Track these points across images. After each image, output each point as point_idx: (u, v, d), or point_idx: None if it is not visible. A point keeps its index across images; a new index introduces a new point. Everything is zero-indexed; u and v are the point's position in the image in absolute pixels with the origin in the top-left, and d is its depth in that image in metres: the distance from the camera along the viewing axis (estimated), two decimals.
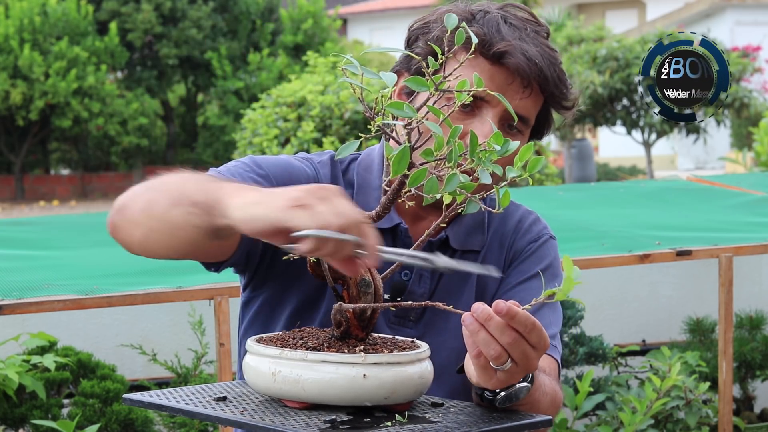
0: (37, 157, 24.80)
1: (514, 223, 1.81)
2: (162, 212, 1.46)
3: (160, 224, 1.47)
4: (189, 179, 1.49)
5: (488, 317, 1.33)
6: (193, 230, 1.43)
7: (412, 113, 1.32)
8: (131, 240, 1.52)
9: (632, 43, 14.68)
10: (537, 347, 1.36)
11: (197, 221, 1.42)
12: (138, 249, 1.53)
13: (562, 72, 1.70)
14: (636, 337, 4.74)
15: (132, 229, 1.51)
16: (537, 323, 1.35)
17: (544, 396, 1.56)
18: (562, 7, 24.34)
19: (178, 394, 1.45)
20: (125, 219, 1.52)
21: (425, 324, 1.74)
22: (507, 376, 1.38)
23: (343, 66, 1.36)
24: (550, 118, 1.77)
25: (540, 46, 1.67)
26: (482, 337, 1.34)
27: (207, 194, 1.41)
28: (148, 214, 1.48)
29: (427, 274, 1.74)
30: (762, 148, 8.99)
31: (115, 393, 3.69)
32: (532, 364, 1.38)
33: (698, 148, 19.16)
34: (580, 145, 15.99)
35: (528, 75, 1.65)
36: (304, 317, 1.71)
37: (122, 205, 1.53)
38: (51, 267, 3.64)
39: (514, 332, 1.34)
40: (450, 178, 1.32)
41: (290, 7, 24.47)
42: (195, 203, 1.42)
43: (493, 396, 1.45)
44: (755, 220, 4.45)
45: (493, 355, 1.35)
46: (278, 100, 6.72)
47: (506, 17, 1.68)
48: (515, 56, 1.64)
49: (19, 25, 21.69)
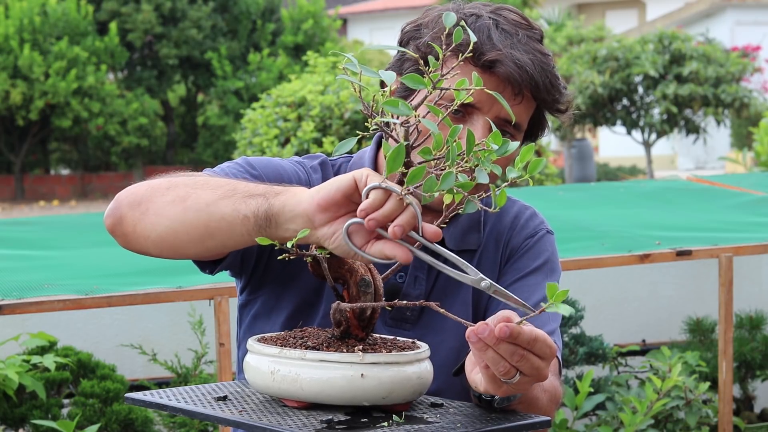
0: (37, 157, 24.81)
1: (509, 220, 1.80)
2: (206, 203, 1.45)
3: (198, 216, 1.46)
4: (231, 181, 1.50)
5: (496, 342, 1.31)
6: (240, 220, 1.43)
7: (408, 111, 1.32)
8: (148, 234, 1.50)
9: (632, 43, 14.68)
10: (544, 357, 1.35)
11: (249, 211, 1.42)
12: (154, 243, 1.51)
13: (554, 77, 1.68)
14: (636, 337, 4.74)
15: (156, 221, 1.49)
16: (540, 335, 1.33)
17: (543, 393, 1.56)
18: (562, 7, 24.35)
19: (178, 393, 1.46)
20: (146, 212, 1.50)
21: (423, 325, 1.73)
22: (516, 386, 1.37)
23: (343, 65, 1.36)
24: (544, 121, 1.76)
25: (532, 53, 1.65)
26: (490, 355, 1.32)
27: (267, 189, 1.43)
28: (185, 206, 1.47)
29: (422, 276, 1.74)
30: (762, 148, 9.00)
31: (115, 393, 3.69)
32: (542, 374, 1.36)
33: (698, 148, 19.17)
34: (580, 145, 15.99)
35: (519, 83, 1.64)
36: (303, 319, 1.71)
37: (136, 200, 1.51)
38: (51, 267, 3.64)
39: (521, 350, 1.32)
40: (445, 176, 1.32)
41: (290, 7, 24.47)
42: (253, 195, 1.42)
43: (491, 397, 1.44)
44: (755, 220, 4.45)
45: (503, 372, 1.33)
46: (278, 100, 6.72)
47: (498, 22, 1.67)
48: (506, 65, 1.63)
49: (19, 25, 21.70)
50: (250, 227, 1.42)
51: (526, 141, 1.76)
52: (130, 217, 1.51)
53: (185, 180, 1.51)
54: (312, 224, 1.36)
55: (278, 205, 1.40)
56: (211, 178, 1.52)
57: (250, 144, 6.69)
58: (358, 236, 1.34)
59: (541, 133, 1.77)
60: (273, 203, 1.41)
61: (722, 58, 14.38)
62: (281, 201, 1.40)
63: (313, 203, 1.36)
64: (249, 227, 1.42)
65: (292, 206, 1.38)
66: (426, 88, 1.36)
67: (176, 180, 1.52)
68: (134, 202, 1.51)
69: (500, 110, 1.65)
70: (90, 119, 22.30)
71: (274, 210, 1.40)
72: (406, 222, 1.31)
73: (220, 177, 1.57)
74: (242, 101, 22.60)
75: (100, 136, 23.16)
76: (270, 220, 1.41)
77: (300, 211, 1.38)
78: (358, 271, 1.43)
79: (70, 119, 22.01)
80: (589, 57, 14.78)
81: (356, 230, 1.34)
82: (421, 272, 1.74)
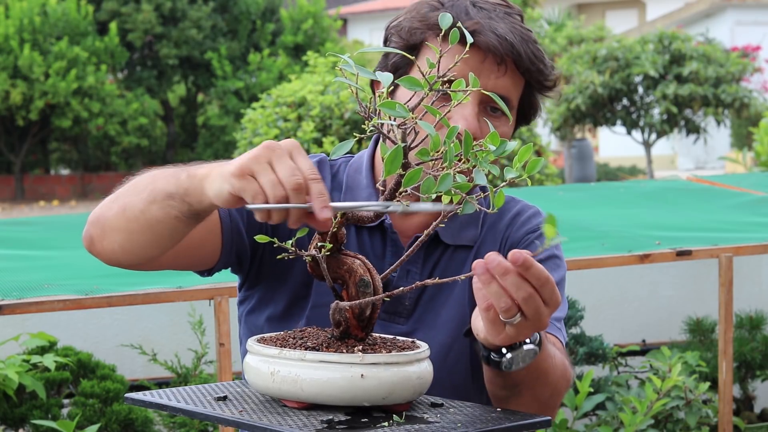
0: (37, 157, 24.80)
1: (510, 217, 1.78)
2: (140, 212, 1.50)
3: (139, 224, 1.51)
4: (157, 175, 1.52)
5: (505, 271, 1.29)
6: (174, 221, 1.48)
7: (404, 113, 1.32)
8: (112, 248, 1.56)
9: (632, 43, 14.68)
10: (549, 303, 1.33)
11: (176, 212, 1.47)
12: (121, 254, 1.57)
13: (537, 49, 1.67)
14: (636, 337, 4.74)
15: (113, 236, 1.55)
16: (551, 278, 1.32)
17: (554, 368, 1.54)
18: (562, 7, 24.34)
19: (178, 393, 1.46)
20: (103, 228, 1.56)
21: (416, 320, 1.72)
22: (516, 330, 1.35)
23: (340, 66, 1.36)
24: (535, 101, 1.73)
25: (511, 24, 1.65)
26: (494, 289, 1.31)
27: (178, 184, 1.46)
28: (126, 217, 1.52)
29: (416, 270, 1.73)
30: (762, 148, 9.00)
31: (115, 393, 3.70)
32: (543, 321, 1.34)
33: (698, 148, 19.17)
34: (580, 145, 15.99)
35: (500, 51, 1.62)
36: (294, 311, 1.72)
37: (96, 218, 1.57)
38: (51, 267, 3.64)
39: (529, 286, 1.30)
40: (443, 177, 1.32)
41: (291, 8, 24.46)
42: (170, 195, 1.47)
43: (499, 358, 1.43)
44: (755, 220, 4.45)
45: (504, 308, 1.31)
46: (278, 100, 6.71)
47: (475, 2, 1.67)
48: (485, 34, 1.62)
49: (19, 25, 21.69)
50: (187, 223, 1.49)
51: (520, 123, 1.75)
52: (95, 236, 1.58)
53: (123, 189, 1.57)
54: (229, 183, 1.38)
55: (195, 203, 1.45)
56: (139, 181, 1.56)
57: (251, 144, 6.69)
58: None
59: (533, 115, 1.75)
60: (190, 203, 1.46)
61: (722, 58, 14.37)
62: (196, 199, 1.45)
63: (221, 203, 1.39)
64: (186, 223, 1.49)
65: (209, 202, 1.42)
66: (422, 89, 1.36)
67: (120, 190, 1.57)
68: (94, 220, 1.58)
69: (487, 85, 1.63)
70: (90, 119, 22.29)
71: (194, 209, 1.46)
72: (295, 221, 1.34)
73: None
74: (242, 101, 22.59)
75: (100, 136, 23.15)
76: (198, 215, 1.47)
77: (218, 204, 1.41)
78: (357, 271, 1.43)
79: (70, 119, 22.00)
80: (589, 57, 14.78)
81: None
82: (414, 267, 1.73)
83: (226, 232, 1.66)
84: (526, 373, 1.47)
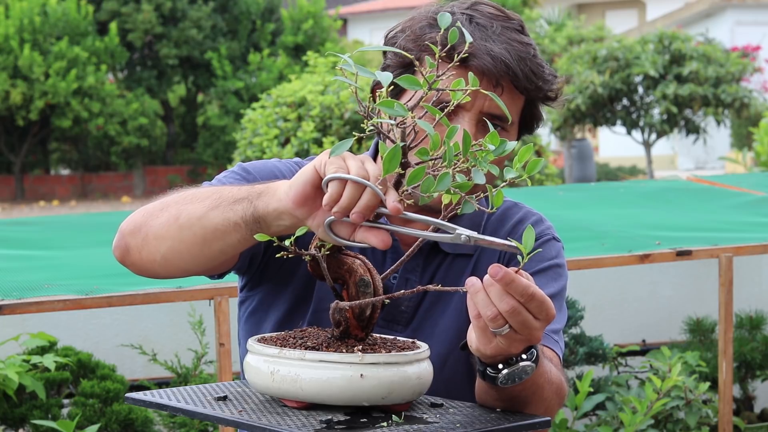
0: (37, 157, 24.79)
1: (512, 225, 1.77)
2: (197, 218, 1.50)
3: (193, 232, 1.50)
4: (222, 187, 1.54)
5: (490, 283, 1.33)
6: (231, 229, 1.47)
7: (404, 112, 1.32)
8: (153, 258, 1.55)
9: (632, 43, 14.68)
10: (539, 317, 1.35)
11: (237, 217, 1.46)
12: (160, 266, 1.56)
13: (536, 65, 1.65)
14: (636, 337, 4.74)
15: (157, 244, 1.54)
16: (538, 293, 1.33)
17: (549, 384, 1.54)
18: (562, 7, 24.33)
19: (178, 393, 1.46)
20: (146, 237, 1.55)
21: (413, 329, 1.72)
22: (507, 342, 1.37)
23: (340, 65, 1.36)
24: (537, 112, 1.72)
25: (507, 43, 1.63)
26: (480, 298, 1.35)
27: (251, 189, 1.48)
28: (180, 224, 1.52)
29: (415, 279, 1.72)
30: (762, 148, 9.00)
31: (115, 393, 3.70)
32: (534, 334, 1.36)
33: (698, 148, 19.16)
34: (580, 145, 15.99)
35: (495, 75, 1.61)
36: (296, 316, 1.71)
37: (136, 227, 1.56)
38: (51, 267, 3.64)
39: (512, 299, 1.33)
40: (442, 177, 1.32)
41: (291, 8, 24.46)
42: (238, 200, 1.47)
43: (495, 373, 1.43)
44: (755, 220, 4.45)
45: (490, 317, 1.34)
46: (278, 100, 6.72)
47: (472, 17, 1.65)
48: (479, 57, 1.61)
49: (19, 25, 21.68)
50: (243, 232, 1.47)
51: (523, 133, 1.74)
52: (133, 245, 1.56)
53: (175, 198, 1.56)
54: (297, 219, 1.40)
55: (262, 206, 1.45)
56: (199, 190, 1.56)
57: (250, 144, 6.70)
58: (342, 227, 1.38)
59: (536, 124, 1.74)
60: (257, 205, 1.45)
61: (722, 58, 14.37)
62: (264, 202, 1.45)
63: (289, 202, 1.40)
64: (242, 232, 1.47)
65: (275, 205, 1.43)
66: (422, 89, 1.36)
67: (167, 199, 1.56)
68: (134, 229, 1.56)
69: (483, 105, 1.63)
70: (90, 119, 22.28)
71: (259, 212, 1.45)
72: (364, 207, 1.34)
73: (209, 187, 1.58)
74: (242, 101, 22.58)
75: (100, 136, 23.15)
76: (259, 222, 1.46)
77: (282, 209, 1.42)
78: (357, 271, 1.43)
79: (70, 119, 22.00)
80: (589, 57, 14.77)
81: (337, 221, 1.37)
82: (413, 275, 1.72)
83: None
84: (522, 389, 1.47)
